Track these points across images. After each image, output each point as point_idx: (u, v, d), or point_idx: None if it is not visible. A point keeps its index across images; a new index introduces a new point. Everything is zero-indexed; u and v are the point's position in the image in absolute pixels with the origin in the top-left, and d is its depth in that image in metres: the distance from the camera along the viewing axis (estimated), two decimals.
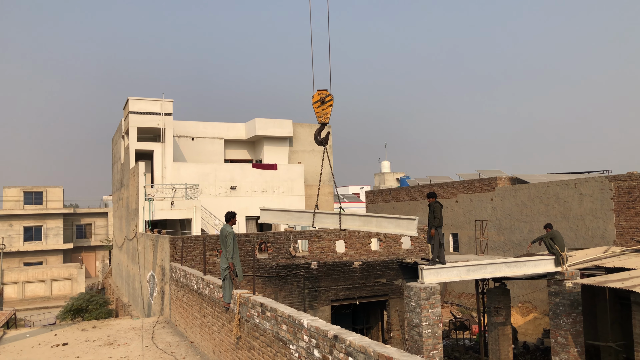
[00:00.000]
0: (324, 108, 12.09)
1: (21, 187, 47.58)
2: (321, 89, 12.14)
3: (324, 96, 12.04)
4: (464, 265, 13.53)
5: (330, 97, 12.03)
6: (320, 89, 12.14)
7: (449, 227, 29.63)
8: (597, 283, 12.42)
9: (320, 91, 12.12)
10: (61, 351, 12.42)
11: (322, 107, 12.11)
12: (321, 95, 12.07)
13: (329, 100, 12.03)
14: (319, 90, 12.14)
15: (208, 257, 16.47)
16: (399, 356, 5.05)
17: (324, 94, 12.06)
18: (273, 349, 7.92)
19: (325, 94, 12.06)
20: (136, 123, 25.81)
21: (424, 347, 12.52)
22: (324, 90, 12.12)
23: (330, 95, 12.05)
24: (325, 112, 12.10)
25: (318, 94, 12.11)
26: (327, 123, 12.29)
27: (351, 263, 18.63)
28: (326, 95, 12.04)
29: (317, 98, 12.13)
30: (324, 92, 12.08)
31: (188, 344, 12.81)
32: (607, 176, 20.80)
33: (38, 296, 38.68)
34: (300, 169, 29.09)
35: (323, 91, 12.10)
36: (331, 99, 12.03)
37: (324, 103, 12.06)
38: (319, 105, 12.12)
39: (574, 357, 13.81)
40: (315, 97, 12.17)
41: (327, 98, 12.03)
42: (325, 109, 12.09)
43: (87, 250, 51.66)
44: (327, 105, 12.05)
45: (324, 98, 12.04)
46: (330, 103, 12.04)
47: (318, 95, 12.10)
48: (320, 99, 12.07)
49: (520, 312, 24.51)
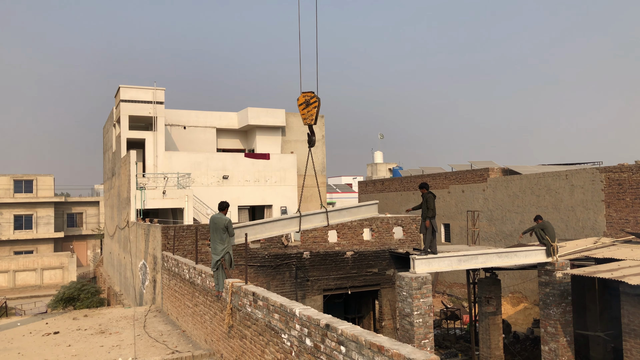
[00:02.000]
0: (309, 110, 12.15)
1: (11, 176, 47.17)
2: (306, 92, 12.21)
3: (308, 98, 12.10)
4: (456, 256, 13.60)
5: (315, 99, 12.03)
6: (305, 92, 12.21)
7: (441, 217, 29.75)
8: (587, 273, 12.53)
9: (305, 93, 12.20)
10: (52, 340, 12.39)
11: (307, 109, 12.17)
12: (306, 97, 12.14)
13: (314, 102, 12.04)
14: (304, 93, 12.22)
15: (200, 246, 16.44)
16: (390, 345, 5.07)
17: (308, 96, 12.12)
18: (265, 337, 7.93)
19: (310, 96, 12.10)
20: (128, 111, 25.60)
21: (415, 337, 12.60)
22: (309, 92, 12.17)
23: (315, 97, 12.05)
24: (310, 114, 12.15)
25: (303, 96, 12.19)
26: (312, 124, 12.31)
27: (343, 253, 18.67)
28: (311, 97, 12.07)
29: (302, 100, 12.22)
30: (309, 94, 12.13)
31: (180, 332, 12.82)
32: (597, 168, 20.93)
33: (29, 285, 38.50)
34: (292, 159, 29.04)
35: (308, 93, 12.16)
36: (316, 101, 12.03)
37: (309, 105, 12.11)
38: (304, 107, 12.20)
39: (563, 346, 13.96)
40: (300, 99, 12.27)
41: (312, 100, 12.05)
42: (310, 111, 12.14)
43: (79, 239, 51.41)
44: (312, 107, 12.08)
45: (308, 100, 12.10)
46: (315, 105, 12.04)
47: (303, 98, 12.19)
48: (305, 101, 12.14)
49: (511, 302, 24.73)
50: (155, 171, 25.24)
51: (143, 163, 25.86)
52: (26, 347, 11.75)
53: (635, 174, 19.07)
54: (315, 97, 12.03)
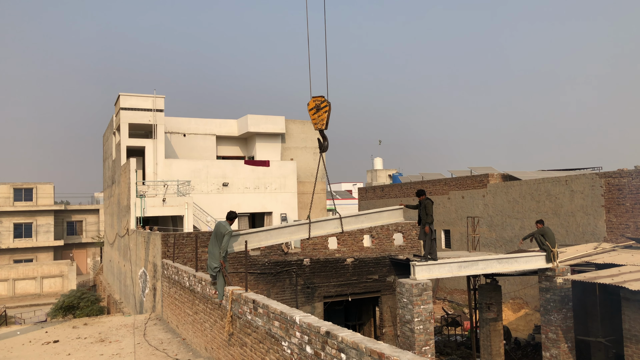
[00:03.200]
0: (320, 114, 11.98)
1: (11, 184, 47.17)
2: (316, 96, 12.04)
3: (319, 102, 11.94)
4: (456, 262, 13.59)
5: (325, 104, 11.87)
6: (316, 96, 12.04)
7: (441, 223, 29.72)
8: (588, 279, 12.51)
9: (315, 98, 12.03)
10: (52, 348, 12.35)
11: (317, 113, 12.00)
12: (316, 101, 11.98)
13: (325, 107, 11.88)
14: (314, 97, 12.04)
15: (200, 253, 16.41)
16: (390, 352, 5.06)
17: (319, 101, 11.96)
18: (265, 345, 7.91)
19: (321, 100, 11.94)
20: (127, 119, 25.65)
21: (415, 343, 12.57)
22: (320, 96, 12.01)
23: (325, 102, 11.89)
24: (321, 119, 11.96)
25: (313, 101, 12.03)
26: (323, 129, 12.12)
27: (343, 259, 18.65)
28: (321, 102, 11.91)
29: (312, 105, 12.05)
30: (320, 99, 11.97)
31: (180, 340, 12.78)
32: (597, 173, 20.94)
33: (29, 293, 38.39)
34: (292, 166, 29.06)
35: (319, 98, 11.99)
36: (326, 105, 11.86)
37: (320, 110, 11.95)
38: (315, 112, 12.02)
39: (564, 352, 13.91)
40: (310, 103, 12.09)
41: (323, 104, 11.89)
42: (321, 116, 11.96)
43: (78, 247, 51.33)
44: (323, 111, 11.92)
45: (319, 105, 11.93)
46: (326, 109, 11.88)
47: (313, 102, 12.03)
48: (316, 106, 11.97)
49: (512, 308, 24.66)
50: (155, 179, 25.25)
51: (143, 171, 25.88)
52: (26, 356, 11.71)
53: (635, 179, 19.08)
54: (325, 102, 11.90)
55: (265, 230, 12.40)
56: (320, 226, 12.95)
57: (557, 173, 27.59)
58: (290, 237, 12.91)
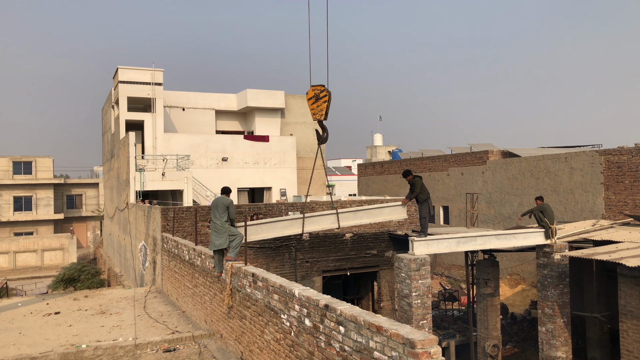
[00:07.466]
0: (319, 104, 11.44)
1: (10, 157, 47.07)
2: (316, 85, 11.46)
3: (318, 92, 11.42)
4: (454, 237, 13.64)
5: (325, 93, 11.32)
6: (315, 85, 11.47)
7: (440, 199, 29.78)
8: (585, 255, 12.58)
9: (314, 87, 11.48)
10: (53, 320, 12.48)
11: (316, 103, 11.47)
12: (315, 91, 11.45)
13: (324, 97, 11.34)
14: (313, 86, 11.50)
15: (200, 227, 16.46)
16: (388, 325, 5.10)
17: (318, 90, 11.42)
18: (264, 318, 7.98)
19: (320, 90, 11.39)
20: (126, 93, 25.45)
21: (413, 317, 12.70)
22: (319, 85, 11.44)
23: (325, 91, 11.33)
24: (320, 109, 11.43)
25: (312, 90, 11.49)
26: (322, 120, 11.59)
27: (342, 235, 18.73)
28: (320, 91, 11.38)
29: (311, 94, 11.53)
30: (319, 88, 11.42)
31: (180, 313, 12.91)
32: (597, 150, 20.90)
33: (29, 266, 38.67)
34: (292, 141, 28.96)
35: (318, 87, 11.44)
36: (326, 95, 11.32)
37: (319, 99, 11.41)
38: (314, 101, 11.48)
39: (559, 327, 14.08)
40: (309, 93, 11.57)
41: (322, 94, 11.35)
42: (320, 105, 11.43)
43: (78, 221, 51.53)
44: (322, 101, 11.38)
45: (318, 94, 11.41)
46: (325, 99, 11.33)
47: (312, 92, 11.50)
48: (315, 95, 11.45)
49: (509, 284, 24.89)
50: (154, 153, 25.18)
51: (142, 145, 25.78)
52: (27, 327, 11.84)
53: (635, 157, 19.05)
54: (325, 91, 11.37)
55: (256, 224, 12.40)
56: (315, 221, 12.83)
57: (557, 150, 27.54)
58: (282, 231, 12.71)
